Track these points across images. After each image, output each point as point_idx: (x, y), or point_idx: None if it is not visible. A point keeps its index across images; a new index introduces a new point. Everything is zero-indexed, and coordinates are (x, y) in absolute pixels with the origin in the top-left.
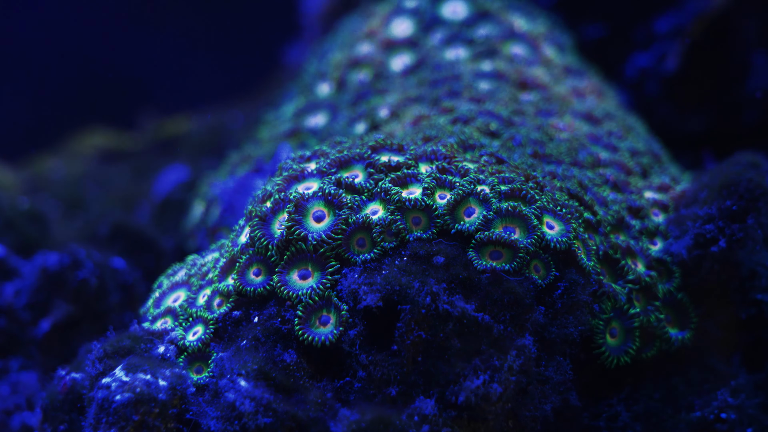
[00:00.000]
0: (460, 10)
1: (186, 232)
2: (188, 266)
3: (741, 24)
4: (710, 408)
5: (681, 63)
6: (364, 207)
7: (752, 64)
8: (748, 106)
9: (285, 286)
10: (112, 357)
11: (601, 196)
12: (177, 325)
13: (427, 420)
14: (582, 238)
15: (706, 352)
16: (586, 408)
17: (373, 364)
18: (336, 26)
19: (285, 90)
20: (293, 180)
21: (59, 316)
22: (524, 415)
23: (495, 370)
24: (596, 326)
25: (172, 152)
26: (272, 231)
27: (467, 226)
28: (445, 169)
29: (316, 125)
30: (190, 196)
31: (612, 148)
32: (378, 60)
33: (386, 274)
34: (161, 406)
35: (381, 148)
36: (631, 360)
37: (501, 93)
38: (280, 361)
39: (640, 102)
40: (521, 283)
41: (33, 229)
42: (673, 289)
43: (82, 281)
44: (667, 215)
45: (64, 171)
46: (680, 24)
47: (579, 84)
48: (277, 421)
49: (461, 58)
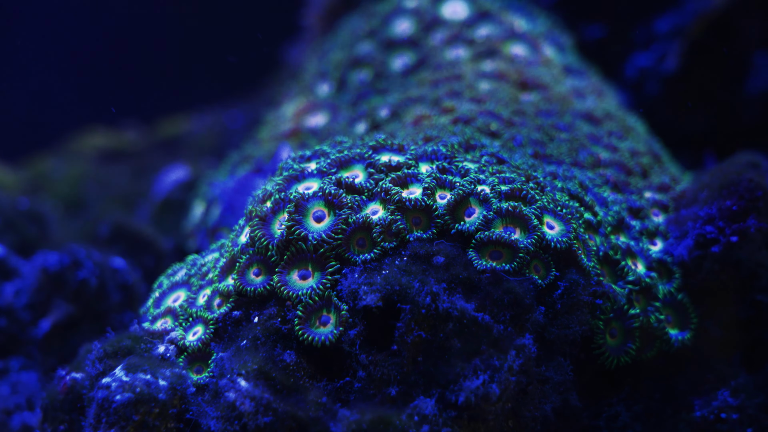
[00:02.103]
0: (461, 10)
1: (186, 232)
2: (188, 266)
3: (741, 24)
4: (710, 408)
5: (681, 63)
6: (365, 207)
7: (752, 64)
8: (748, 106)
9: (285, 286)
10: (112, 357)
11: (602, 196)
12: (177, 325)
13: (427, 420)
14: (582, 239)
15: (706, 352)
16: (586, 408)
17: (373, 364)
18: (336, 26)
19: (285, 90)
20: (293, 180)
21: (59, 316)
22: (524, 415)
23: (495, 370)
24: (596, 326)
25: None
26: (272, 231)
27: (467, 226)
28: (445, 169)
29: (316, 125)
30: (190, 196)
31: (612, 149)
32: (378, 60)
33: (386, 274)
34: (161, 406)
35: (381, 148)
36: (631, 360)
37: (501, 93)
38: (280, 361)
39: (640, 102)
40: (521, 283)
41: (33, 229)
42: (674, 289)
43: (82, 281)
44: (668, 215)
45: (64, 171)
46: (680, 24)
47: (579, 84)
48: (277, 420)
49: (462, 58)
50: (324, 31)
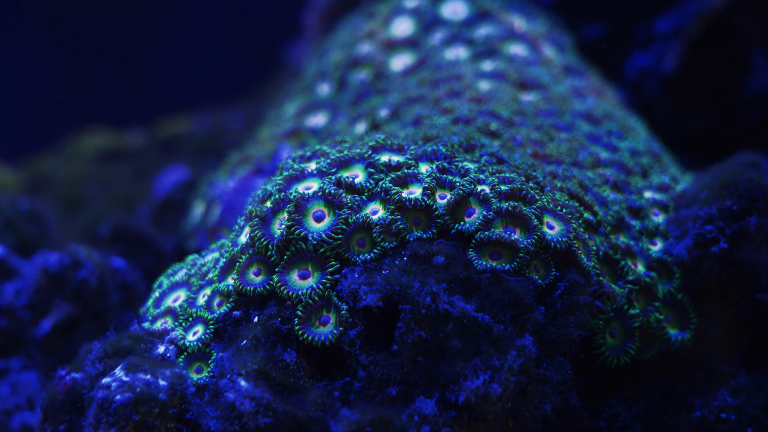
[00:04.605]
0: (461, 10)
1: (186, 233)
2: (188, 266)
3: (741, 24)
4: (710, 408)
5: (681, 63)
6: (364, 207)
7: (752, 64)
8: (747, 106)
9: (285, 286)
10: (112, 357)
11: (602, 196)
12: (177, 325)
13: (427, 420)
14: (582, 239)
15: (706, 352)
16: (586, 408)
17: (373, 364)
18: (336, 26)
19: (285, 89)
20: (293, 180)
21: (59, 316)
22: (524, 415)
23: (495, 370)
24: (596, 326)
25: (172, 152)
26: (272, 231)
27: (467, 226)
28: (445, 168)
29: (316, 125)
30: (190, 196)
31: (612, 148)
32: (378, 60)
33: (386, 274)
34: (161, 406)
35: (381, 148)
36: (631, 360)
37: (501, 93)
38: (280, 361)
39: (640, 102)
40: (521, 283)
41: (33, 229)
42: (673, 289)
43: (82, 281)
44: (667, 215)
45: (64, 171)
46: (680, 24)
47: (579, 84)
48: (277, 421)
49: (461, 58)
50: (324, 31)
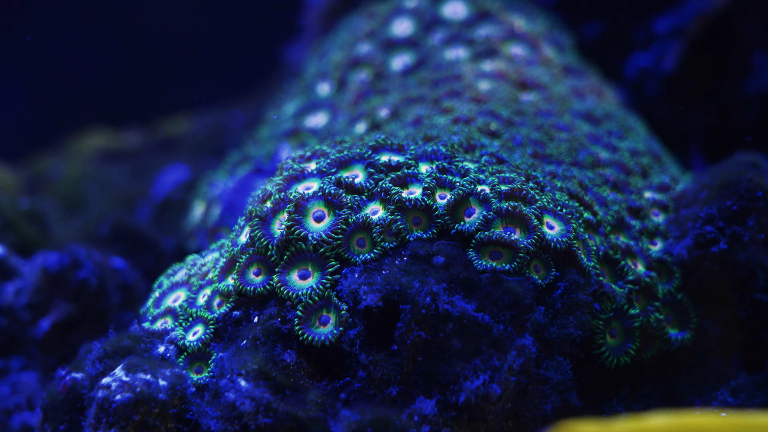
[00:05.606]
0: (460, 10)
1: (186, 233)
2: (188, 266)
3: (741, 24)
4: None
5: (680, 63)
6: (364, 207)
7: (752, 64)
8: (747, 106)
9: (285, 286)
10: (112, 357)
11: (601, 196)
12: (177, 325)
13: (427, 420)
14: (582, 239)
15: (706, 352)
16: (586, 408)
17: (373, 364)
18: (336, 26)
19: (285, 90)
20: (293, 180)
21: (59, 316)
22: (524, 415)
23: (495, 371)
24: (596, 326)
25: (172, 152)
26: (272, 231)
27: (467, 226)
28: (445, 168)
29: (316, 125)
30: (190, 196)
31: (612, 148)
32: (378, 60)
33: (386, 274)
34: (161, 406)
35: (381, 148)
36: (631, 360)
37: (501, 93)
38: (280, 361)
39: (640, 102)
40: (521, 283)
41: (33, 229)
42: (673, 289)
43: (82, 281)
44: (667, 215)
45: (64, 171)
46: (680, 24)
47: (579, 84)
48: (277, 421)
49: (461, 58)
50: (324, 31)
